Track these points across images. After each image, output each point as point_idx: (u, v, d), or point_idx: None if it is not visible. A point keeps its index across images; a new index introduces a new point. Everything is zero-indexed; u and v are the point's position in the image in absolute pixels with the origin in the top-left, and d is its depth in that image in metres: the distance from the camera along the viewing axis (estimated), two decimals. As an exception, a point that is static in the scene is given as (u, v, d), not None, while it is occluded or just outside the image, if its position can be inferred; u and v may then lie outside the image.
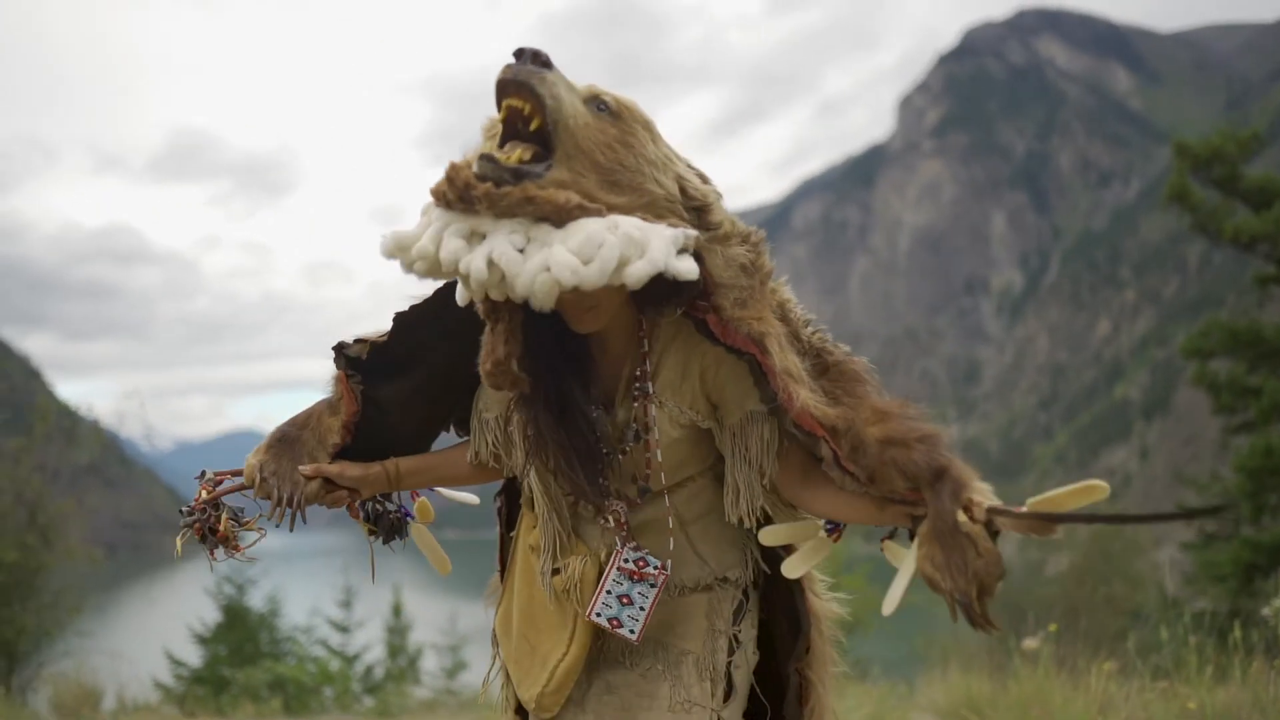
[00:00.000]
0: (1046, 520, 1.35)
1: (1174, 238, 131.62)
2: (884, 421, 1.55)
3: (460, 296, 1.56)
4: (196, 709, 9.26)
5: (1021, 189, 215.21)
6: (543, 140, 1.47)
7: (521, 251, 1.40)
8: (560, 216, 1.41)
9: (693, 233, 1.50)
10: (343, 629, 14.75)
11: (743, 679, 1.83)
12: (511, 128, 1.50)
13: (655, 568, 1.76)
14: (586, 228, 1.39)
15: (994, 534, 1.39)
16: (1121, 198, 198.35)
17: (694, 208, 1.57)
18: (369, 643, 14.92)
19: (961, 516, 1.38)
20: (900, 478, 1.49)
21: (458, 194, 1.42)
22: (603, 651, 1.83)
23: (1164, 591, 13.31)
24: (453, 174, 1.43)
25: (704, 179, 1.65)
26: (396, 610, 15.10)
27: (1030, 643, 4.96)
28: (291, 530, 1.85)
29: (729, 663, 1.79)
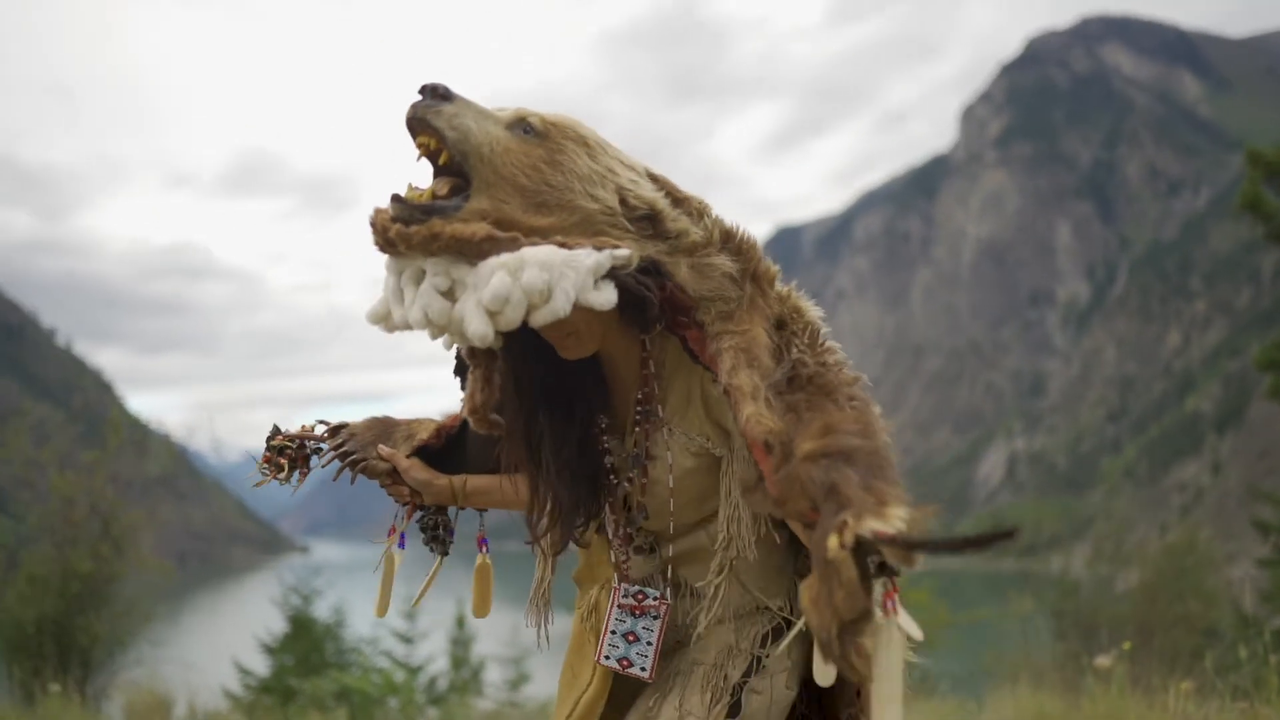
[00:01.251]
0: (905, 548, 1.14)
1: (1246, 247, 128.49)
2: (821, 437, 1.36)
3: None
4: (265, 718, 9.37)
5: (1087, 199, 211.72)
6: (460, 172, 1.47)
7: (446, 294, 1.41)
8: (470, 250, 1.40)
9: (622, 252, 1.46)
10: (406, 640, 14.85)
11: (759, 706, 1.70)
12: (433, 164, 1.51)
13: (655, 598, 1.73)
14: (494, 276, 1.37)
15: (879, 565, 1.18)
16: (1191, 207, 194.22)
17: (641, 218, 1.53)
18: (432, 654, 15.03)
19: (832, 542, 1.18)
20: (801, 497, 1.33)
21: (381, 238, 1.44)
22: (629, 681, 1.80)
23: (1240, 609, 13.00)
24: (374, 218, 1.45)
25: (673, 193, 1.59)
26: (460, 622, 15.20)
27: (1103, 660, 4.86)
28: (335, 480, 1.92)
29: (742, 683, 1.70)
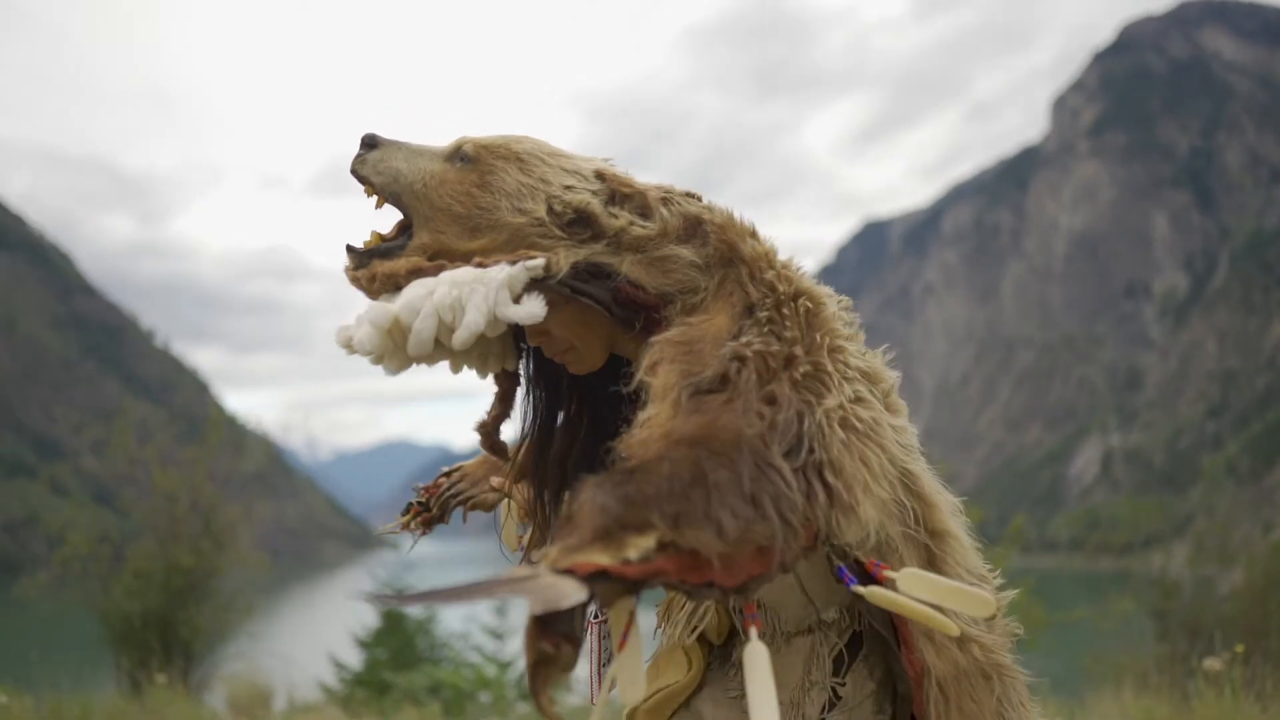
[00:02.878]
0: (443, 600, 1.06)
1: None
2: (634, 449, 1.28)
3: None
4: (360, 711, 9.53)
5: (1185, 188, 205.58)
6: (403, 213, 1.59)
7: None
8: (403, 284, 1.50)
9: (535, 262, 1.46)
10: (497, 636, 14.96)
11: None
12: (378, 207, 1.62)
13: (593, 618, 1.71)
14: (403, 296, 1.46)
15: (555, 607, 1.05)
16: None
17: (571, 223, 1.51)
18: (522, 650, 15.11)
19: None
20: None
21: (350, 283, 1.58)
22: (710, 679, 1.74)
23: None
24: (344, 268, 1.59)
25: (619, 190, 1.54)
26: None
27: (1213, 663, 4.68)
28: (446, 521, 2.06)
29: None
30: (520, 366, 1.76)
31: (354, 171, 1.59)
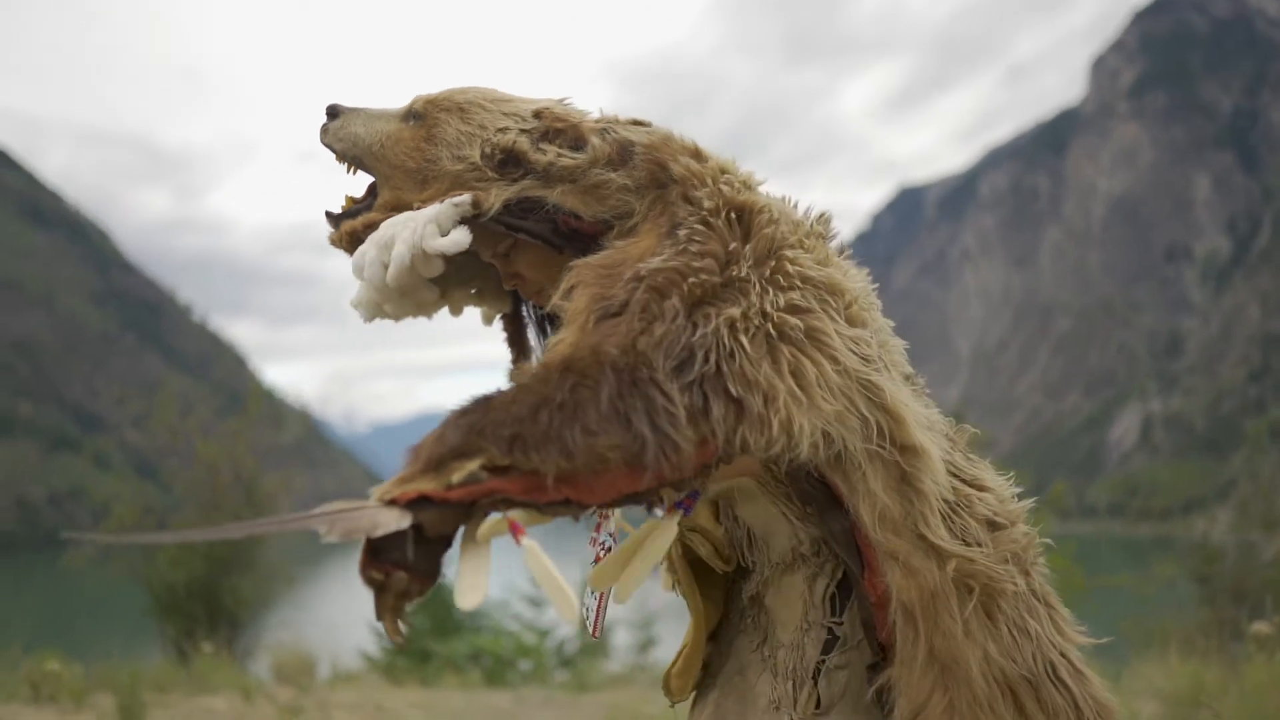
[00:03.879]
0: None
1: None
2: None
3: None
4: (403, 678, 9.64)
5: (1228, 149, 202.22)
6: (368, 174, 1.69)
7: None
8: (364, 239, 1.61)
9: (462, 199, 1.53)
10: (536, 604, 15.07)
11: (843, 684, 1.52)
12: (348, 172, 1.72)
13: (603, 549, 1.64)
14: (359, 253, 1.59)
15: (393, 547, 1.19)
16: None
17: (502, 163, 1.56)
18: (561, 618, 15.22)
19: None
20: None
21: (332, 246, 1.70)
22: (743, 626, 1.71)
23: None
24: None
25: (554, 124, 1.56)
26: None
27: (1262, 627, 4.62)
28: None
29: (820, 661, 1.53)
30: (525, 309, 1.82)
31: (321, 141, 1.68)
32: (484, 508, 1.22)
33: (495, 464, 1.21)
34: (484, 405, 1.25)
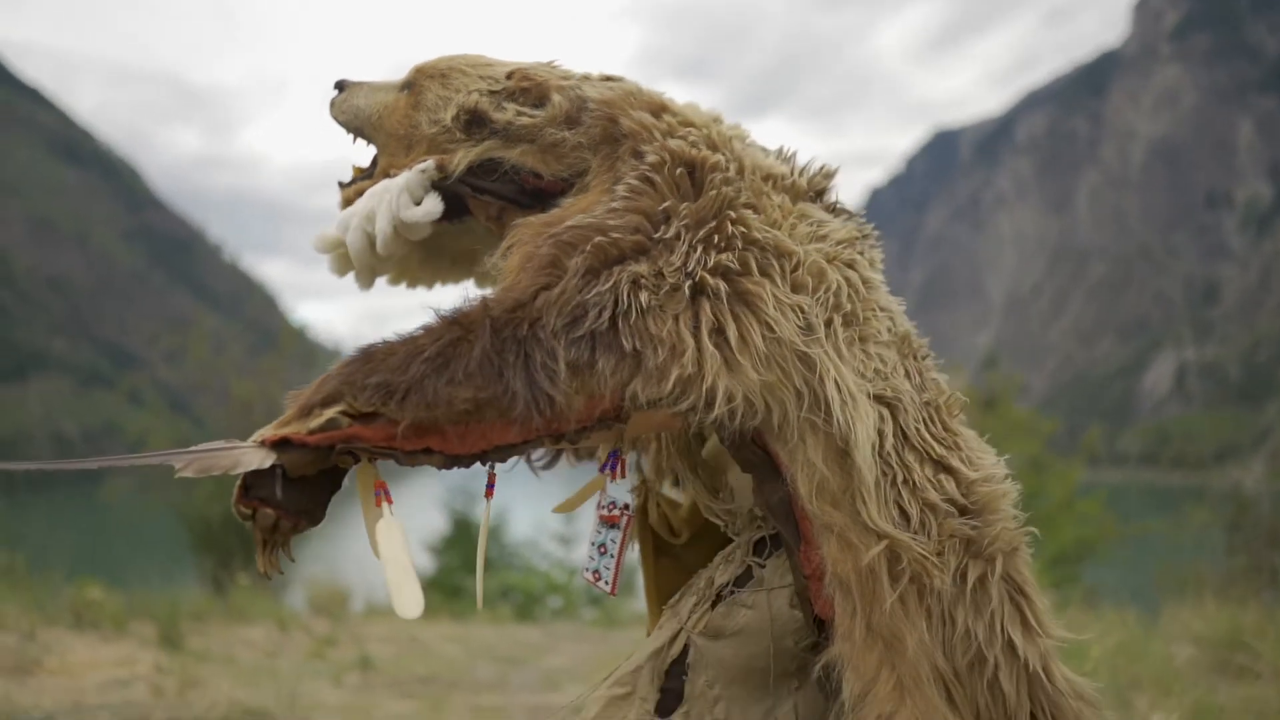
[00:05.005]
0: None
1: None
2: None
3: None
4: (435, 613, 9.75)
5: (1272, 93, 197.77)
6: (370, 144, 1.74)
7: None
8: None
9: (426, 164, 1.56)
10: (565, 542, 15.19)
11: (748, 621, 1.49)
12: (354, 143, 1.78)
13: (621, 508, 1.64)
14: (340, 222, 1.63)
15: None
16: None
17: (467, 124, 1.59)
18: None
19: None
20: None
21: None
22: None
23: None
24: None
25: (521, 84, 1.58)
26: (617, 525, 15.43)
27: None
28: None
29: (731, 592, 1.52)
30: None
31: (330, 115, 1.73)
32: (342, 454, 1.28)
33: (358, 411, 1.28)
34: (366, 355, 1.33)
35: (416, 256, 1.72)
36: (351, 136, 1.73)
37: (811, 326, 1.38)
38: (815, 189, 1.55)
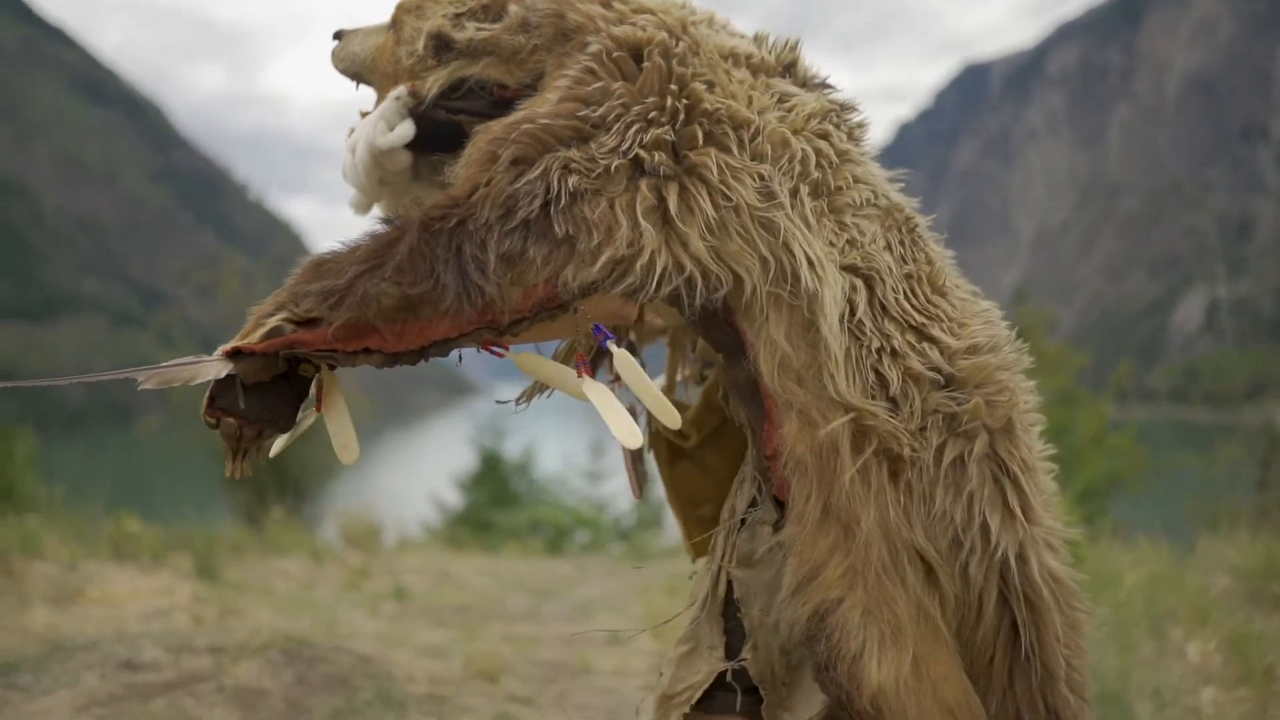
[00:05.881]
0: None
1: None
2: None
3: None
4: (466, 547, 9.87)
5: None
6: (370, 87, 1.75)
7: None
8: None
9: (398, 90, 1.59)
10: (594, 477, 15.30)
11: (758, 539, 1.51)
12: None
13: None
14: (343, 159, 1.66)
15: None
16: None
17: (435, 49, 1.60)
18: (619, 490, 15.45)
19: None
20: None
21: None
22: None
23: None
24: None
25: (478, 5, 1.59)
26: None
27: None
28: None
29: (746, 514, 1.54)
30: None
31: (331, 64, 1.75)
32: (286, 359, 1.33)
33: (300, 317, 1.32)
34: (313, 263, 1.37)
35: (414, 191, 1.72)
36: (354, 83, 1.75)
37: (773, 194, 1.35)
38: (783, 63, 1.51)
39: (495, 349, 1.38)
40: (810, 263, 1.34)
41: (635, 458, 1.83)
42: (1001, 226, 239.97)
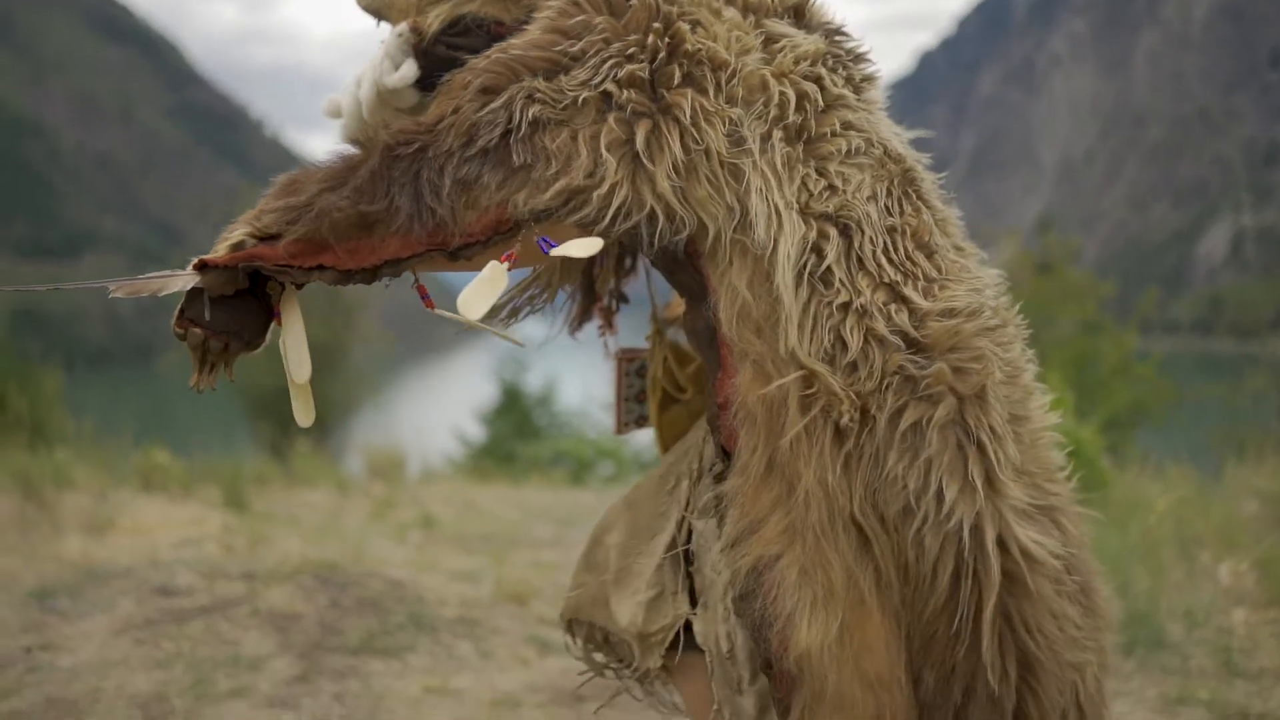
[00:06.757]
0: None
1: None
2: None
3: None
4: (491, 478, 9.93)
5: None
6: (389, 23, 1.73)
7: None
8: None
9: (400, 27, 1.59)
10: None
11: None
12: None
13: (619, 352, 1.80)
14: (344, 89, 1.68)
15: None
16: None
17: None
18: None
19: None
20: None
21: None
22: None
23: None
24: None
25: None
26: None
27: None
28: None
29: (715, 464, 1.54)
30: None
31: (355, 3, 1.73)
32: (248, 274, 1.35)
33: (263, 232, 1.34)
34: (285, 181, 1.39)
35: None
36: (375, 20, 1.74)
37: (743, 139, 1.34)
38: (788, 6, 1.47)
39: (426, 297, 1.39)
40: (770, 213, 1.32)
41: (617, 393, 1.91)
42: (1025, 156, 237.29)
